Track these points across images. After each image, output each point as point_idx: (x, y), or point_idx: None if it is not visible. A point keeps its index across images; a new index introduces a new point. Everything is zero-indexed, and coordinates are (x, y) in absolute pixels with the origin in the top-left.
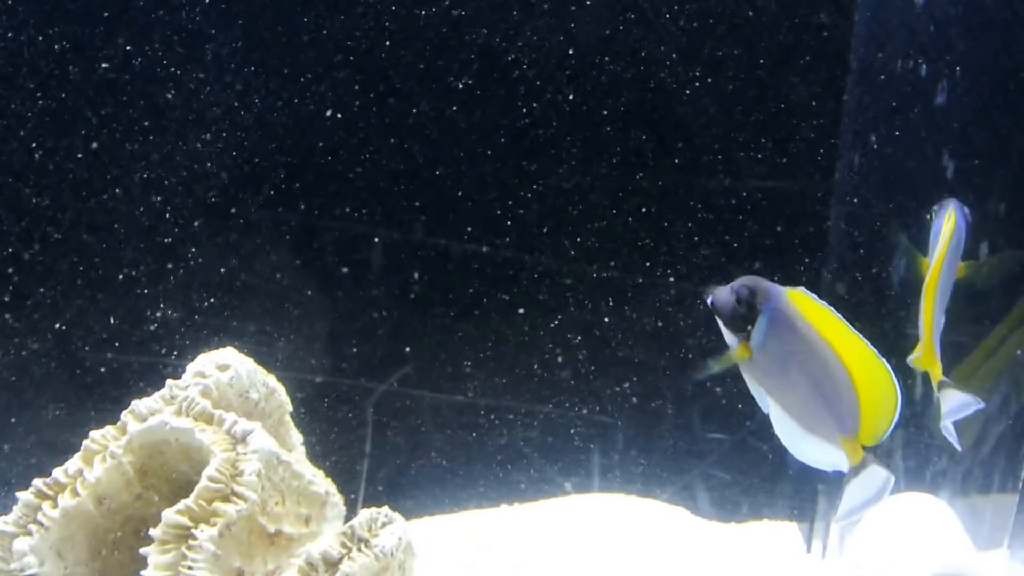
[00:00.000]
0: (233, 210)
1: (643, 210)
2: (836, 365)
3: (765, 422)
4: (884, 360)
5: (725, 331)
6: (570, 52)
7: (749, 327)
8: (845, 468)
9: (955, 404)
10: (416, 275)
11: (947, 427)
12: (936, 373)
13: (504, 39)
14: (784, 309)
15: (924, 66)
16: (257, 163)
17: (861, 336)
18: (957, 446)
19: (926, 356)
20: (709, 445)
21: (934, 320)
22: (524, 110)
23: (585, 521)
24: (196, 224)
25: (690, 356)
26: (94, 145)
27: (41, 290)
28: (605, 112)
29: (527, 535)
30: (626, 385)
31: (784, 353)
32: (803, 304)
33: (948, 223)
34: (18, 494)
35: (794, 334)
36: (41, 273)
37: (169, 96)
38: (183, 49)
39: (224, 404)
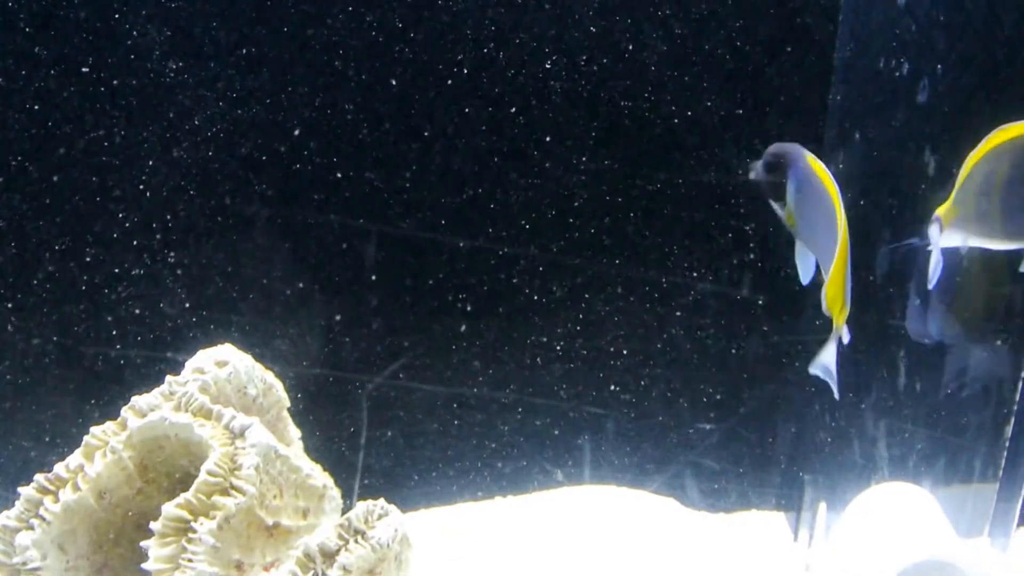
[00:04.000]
0: (232, 207)
1: (633, 205)
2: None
3: (753, 411)
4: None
5: (771, 203)
6: (563, 49)
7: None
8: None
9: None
10: (410, 269)
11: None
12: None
13: (499, 35)
14: (805, 170)
15: (906, 65)
16: (255, 159)
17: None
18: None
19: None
20: (698, 435)
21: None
22: (518, 106)
23: (575, 512)
24: (195, 221)
25: (679, 348)
26: (96, 140)
27: (43, 286)
28: (595, 109)
29: (519, 527)
30: (617, 376)
31: (810, 208)
32: (818, 168)
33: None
34: (20, 489)
35: (815, 191)
36: (43, 270)
37: (170, 91)
38: (187, 42)
39: (223, 400)
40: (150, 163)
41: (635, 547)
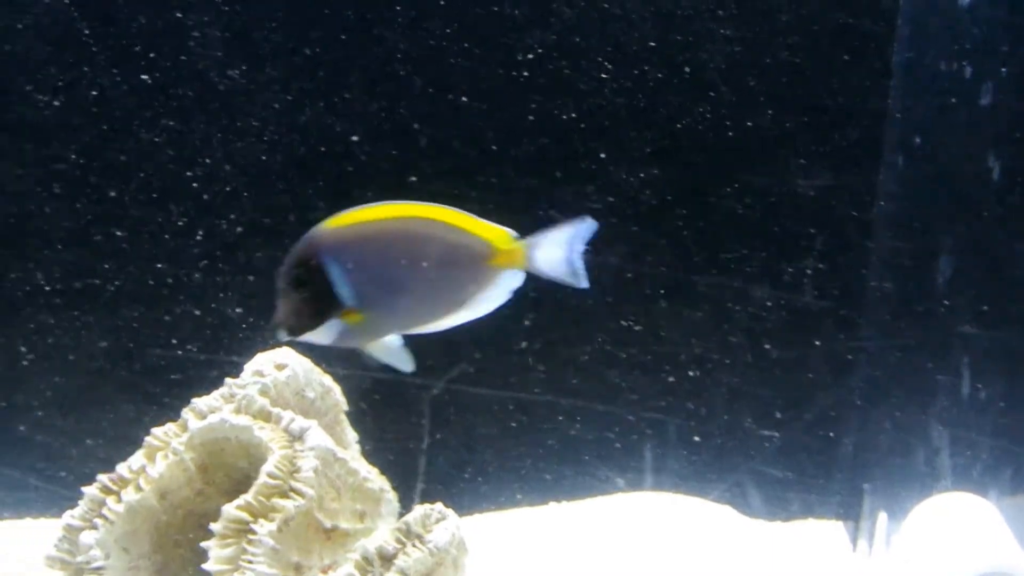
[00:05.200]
0: (292, 209)
1: (696, 212)
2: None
3: (816, 418)
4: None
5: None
6: (619, 53)
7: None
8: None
9: None
10: None
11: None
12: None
13: (558, 44)
14: (333, 246)
15: (968, 67)
16: (314, 162)
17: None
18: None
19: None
20: (760, 442)
21: None
22: (578, 113)
23: (628, 520)
24: (256, 223)
25: (741, 354)
26: (154, 142)
27: (110, 287)
28: (655, 117)
29: (572, 533)
30: (678, 383)
31: (381, 278)
32: (347, 221)
33: None
34: (83, 489)
35: (368, 255)
36: (111, 271)
37: (227, 94)
38: (246, 45)
39: (281, 402)
40: (210, 165)
41: (688, 555)
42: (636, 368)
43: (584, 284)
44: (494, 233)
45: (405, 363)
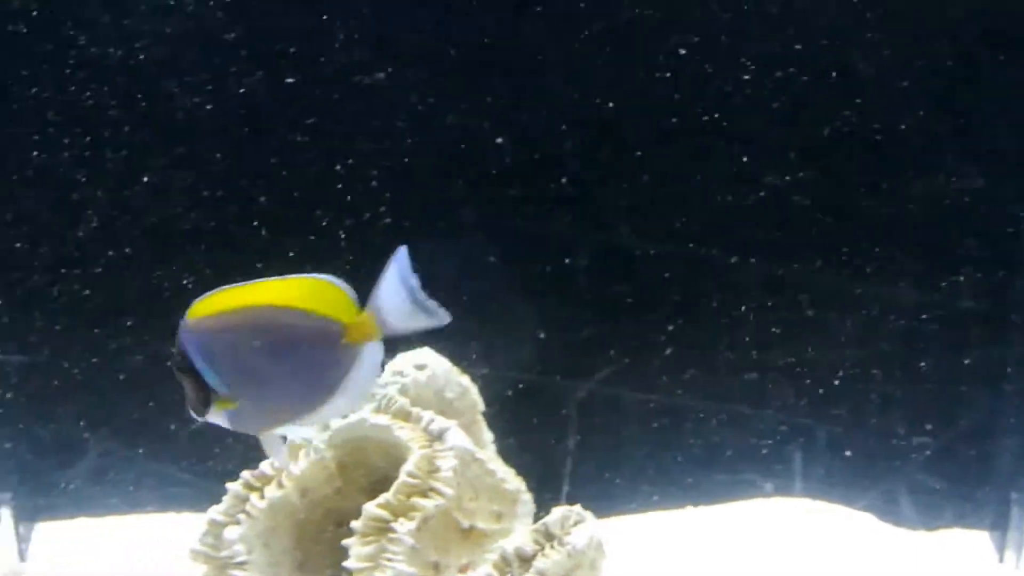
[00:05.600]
0: (441, 211)
1: (848, 217)
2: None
3: (970, 426)
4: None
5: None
6: (774, 55)
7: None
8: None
9: None
10: (621, 275)
11: None
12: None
13: (696, 40)
14: (194, 337)
15: None
16: (461, 164)
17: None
18: None
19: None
20: (913, 450)
21: None
22: (729, 113)
23: (763, 526)
24: (402, 225)
25: (894, 360)
26: (297, 144)
27: None
28: (809, 114)
29: (706, 537)
30: (830, 388)
31: (243, 368)
32: (210, 308)
33: None
34: (228, 485)
35: (227, 346)
36: (256, 270)
37: (368, 95)
38: (388, 47)
39: (421, 402)
40: (353, 166)
41: (820, 563)
42: (785, 374)
43: (445, 320)
44: (343, 308)
45: (281, 459)
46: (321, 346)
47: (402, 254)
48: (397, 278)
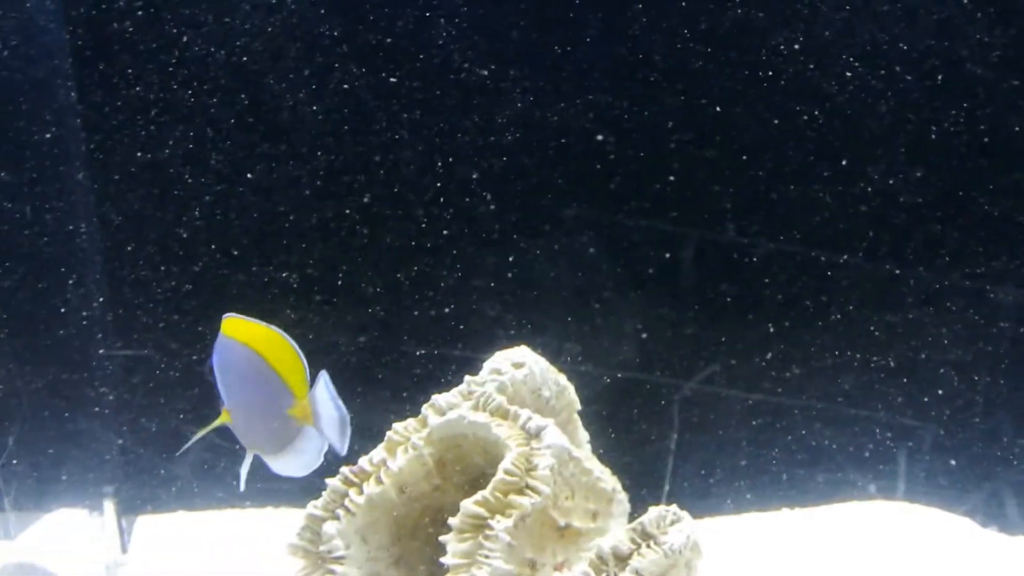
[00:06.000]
0: (536, 208)
1: (956, 213)
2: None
3: None
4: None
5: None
6: (892, 53)
7: None
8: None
9: None
10: (725, 274)
11: None
12: None
13: (801, 39)
14: (217, 350)
15: None
16: (563, 162)
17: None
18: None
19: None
20: (1019, 453)
21: None
22: (833, 113)
23: (857, 529)
24: (507, 222)
25: (1002, 360)
26: (404, 141)
27: (358, 283)
28: (916, 113)
29: (802, 540)
30: (935, 388)
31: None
32: (230, 327)
33: None
34: (327, 480)
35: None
36: (359, 267)
37: (473, 94)
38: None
39: (518, 400)
40: (455, 164)
41: (912, 567)
42: (891, 372)
43: (343, 451)
44: (298, 382)
45: (241, 483)
46: (275, 409)
47: (324, 378)
48: (329, 391)
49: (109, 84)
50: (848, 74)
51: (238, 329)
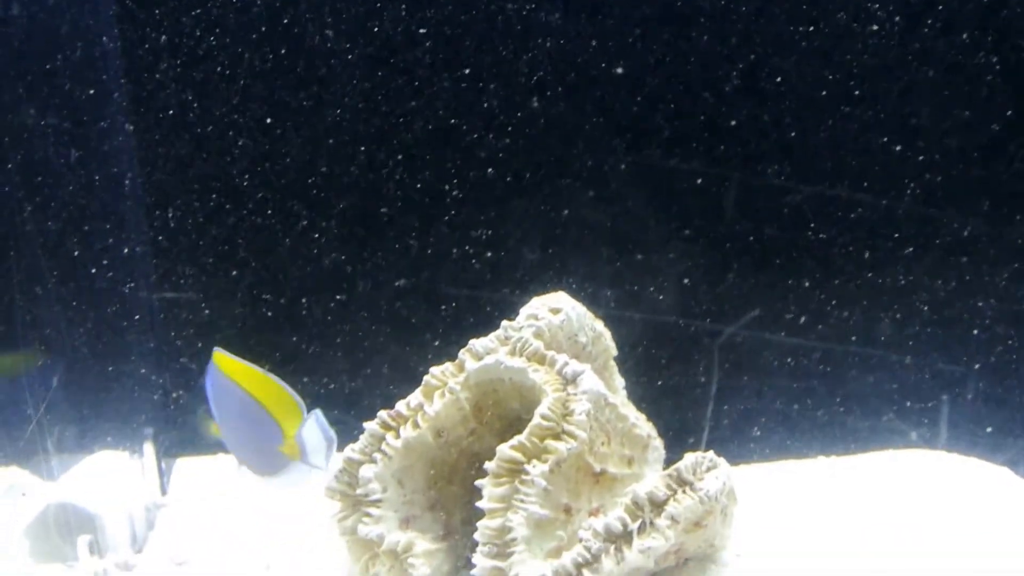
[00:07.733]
0: (581, 155)
1: (1007, 163)
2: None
3: None
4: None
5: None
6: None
7: None
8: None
9: None
10: (767, 219)
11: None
12: None
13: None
14: (209, 369)
15: None
16: (603, 103)
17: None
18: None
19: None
20: None
21: None
22: (884, 53)
23: (891, 476)
24: (549, 168)
25: None
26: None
27: (403, 230)
28: (974, 61)
29: (838, 488)
30: (979, 338)
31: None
32: (223, 363)
33: None
34: (364, 424)
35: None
36: (404, 212)
37: (514, 29)
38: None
39: (555, 346)
40: (502, 115)
41: (947, 514)
42: (936, 321)
43: (323, 468)
44: (291, 421)
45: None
46: (266, 446)
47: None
48: (320, 421)
49: (152, 31)
50: (897, 19)
51: (232, 368)
